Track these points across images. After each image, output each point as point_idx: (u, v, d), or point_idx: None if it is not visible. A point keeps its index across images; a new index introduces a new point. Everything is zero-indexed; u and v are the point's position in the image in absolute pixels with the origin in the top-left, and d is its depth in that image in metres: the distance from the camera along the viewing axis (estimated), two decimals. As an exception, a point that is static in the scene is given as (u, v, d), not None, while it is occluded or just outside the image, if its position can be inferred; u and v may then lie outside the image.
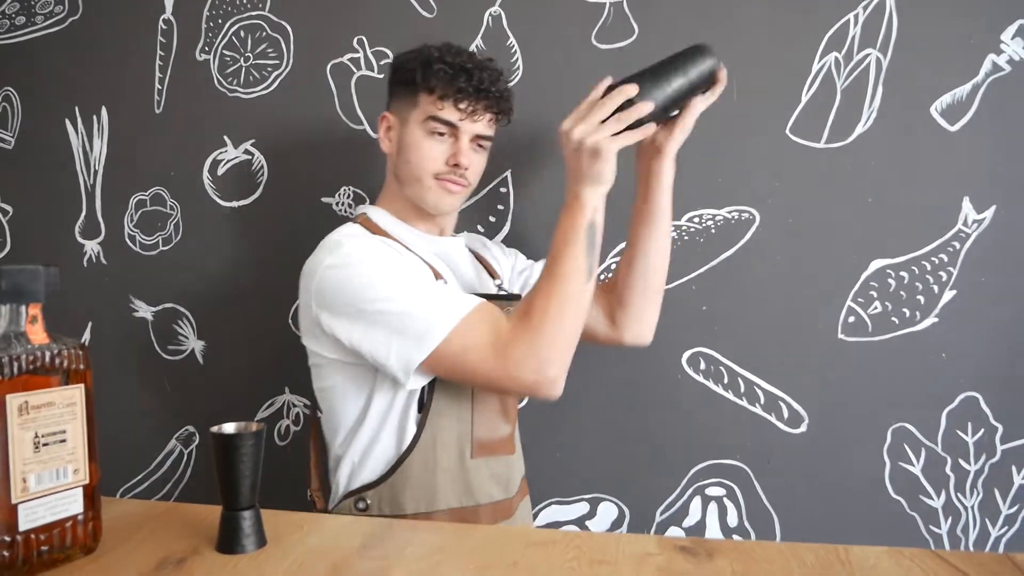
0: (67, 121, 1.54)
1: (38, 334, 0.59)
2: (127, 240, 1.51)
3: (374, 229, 1.08)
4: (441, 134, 1.06)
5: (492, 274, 1.21)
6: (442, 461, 1.00)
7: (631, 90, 0.93)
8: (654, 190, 1.09)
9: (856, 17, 1.24)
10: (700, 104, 1.03)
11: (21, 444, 0.56)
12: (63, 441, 0.59)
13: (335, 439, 1.07)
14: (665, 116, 1.01)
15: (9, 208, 1.58)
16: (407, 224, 1.12)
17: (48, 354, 0.59)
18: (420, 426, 1.00)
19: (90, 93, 1.52)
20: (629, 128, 0.93)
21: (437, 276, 1.04)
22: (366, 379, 1.01)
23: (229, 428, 0.63)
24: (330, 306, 0.97)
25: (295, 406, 1.45)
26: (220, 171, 1.47)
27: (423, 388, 1.00)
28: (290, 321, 1.44)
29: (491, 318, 0.94)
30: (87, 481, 0.61)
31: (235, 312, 1.47)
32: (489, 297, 1.03)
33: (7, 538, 0.55)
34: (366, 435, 1.02)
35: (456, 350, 0.91)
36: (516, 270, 1.27)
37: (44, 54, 1.55)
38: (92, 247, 1.53)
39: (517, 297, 1.12)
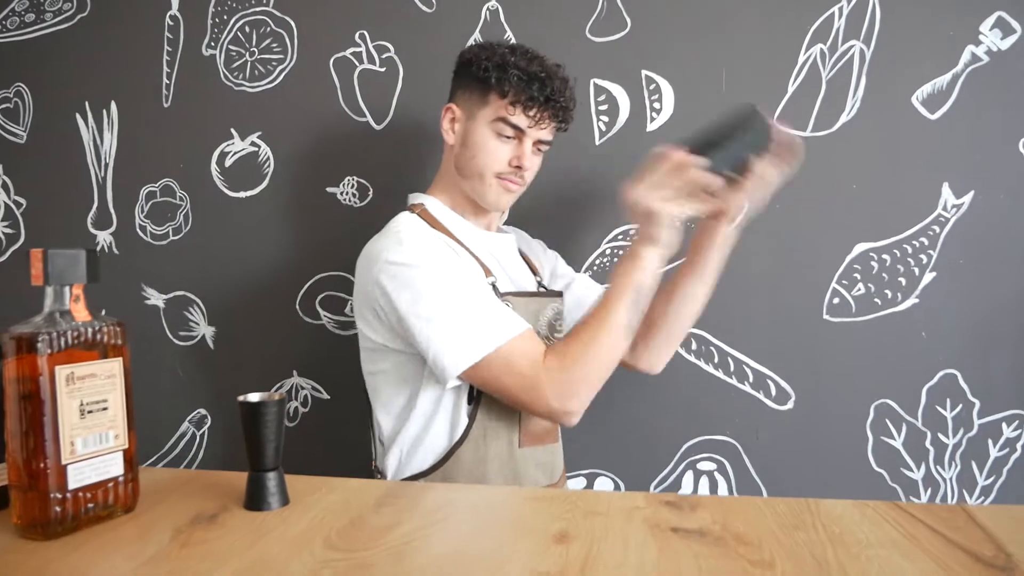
0: (77, 115, 1.58)
1: (81, 312, 0.64)
2: (138, 230, 1.56)
3: (432, 222, 1.11)
4: (508, 136, 1.08)
5: (533, 271, 1.24)
6: (492, 450, 1.05)
7: (700, 161, 0.94)
8: (706, 248, 1.11)
9: (840, 10, 1.28)
10: (762, 166, 1.00)
11: (69, 411, 0.61)
12: (105, 409, 0.64)
13: (383, 426, 1.11)
14: (724, 181, 0.99)
15: (23, 200, 1.63)
16: (462, 217, 1.16)
17: (90, 330, 0.64)
18: (471, 417, 1.04)
19: (99, 88, 1.57)
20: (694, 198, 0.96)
21: (488, 273, 1.08)
22: (416, 369, 1.05)
23: (254, 397, 0.69)
24: (393, 297, 1.00)
25: (303, 389, 1.50)
26: (228, 163, 1.52)
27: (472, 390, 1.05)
28: (297, 307, 1.49)
29: (531, 346, 0.99)
30: (126, 446, 0.67)
31: (244, 299, 1.52)
32: (532, 294, 1.12)
33: (59, 495, 0.61)
34: (416, 424, 1.06)
35: (494, 369, 0.97)
36: (556, 274, 1.31)
37: (54, 50, 1.59)
38: (104, 237, 1.58)
39: (558, 295, 1.16)
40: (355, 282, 1.11)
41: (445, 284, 1.00)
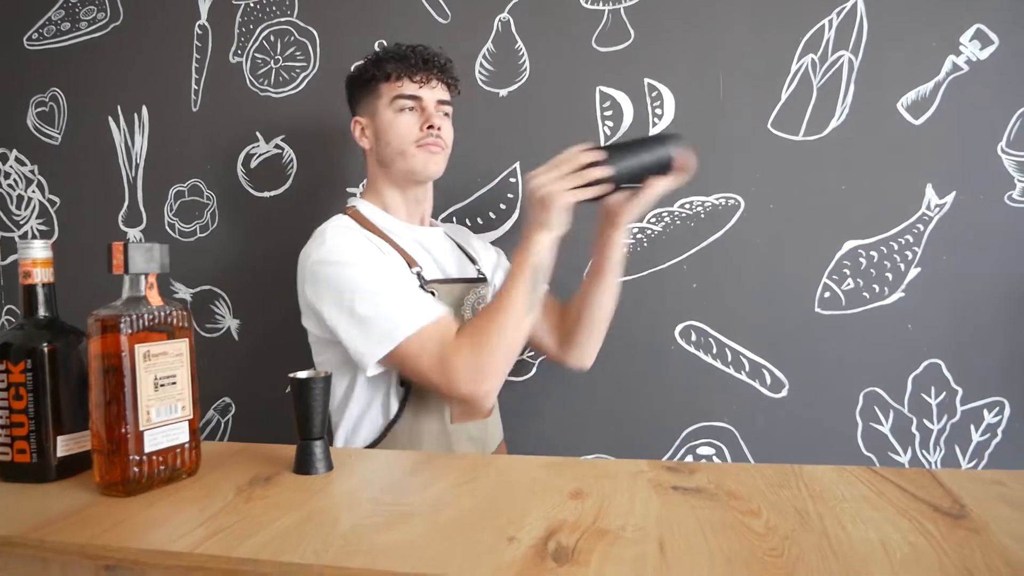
0: (110, 119, 1.67)
1: (155, 298, 0.73)
2: (167, 228, 1.65)
3: (361, 220, 1.20)
4: (411, 109, 1.19)
5: (472, 260, 1.33)
6: (424, 427, 1.14)
7: (597, 155, 1.03)
8: (605, 254, 1.19)
9: (831, 22, 1.37)
10: (660, 186, 1.08)
11: (145, 384, 0.70)
12: (174, 383, 0.73)
13: (332, 408, 1.21)
14: (622, 186, 1.07)
15: (57, 199, 1.71)
16: (390, 215, 1.25)
17: (162, 314, 0.73)
18: (403, 399, 1.14)
19: (131, 93, 1.66)
20: (585, 187, 1.03)
21: (412, 263, 1.16)
22: (350, 358, 1.10)
23: (303, 374, 0.77)
24: (317, 295, 1.11)
25: (323, 378, 1.59)
26: (253, 164, 1.60)
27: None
28: (319, 301, 1.57)
29: (443, 331, 1.04)
30: (191, 416, 0.75)
31: (267, 293, 1.61)
32: (455, 280, 1.22)
33: (137, 457, 0.69)
34: (356, 407, 1.17)
35: (410, 355, 1.03)
36: (500, 266, 1.39)
37: (88, 57, 1.68)
38: (134, 235, 1.67)
39: (482, 280, 1.29)
40: (297, 283, 1.20)
41: (362, 278, 1.07)
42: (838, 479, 0.69)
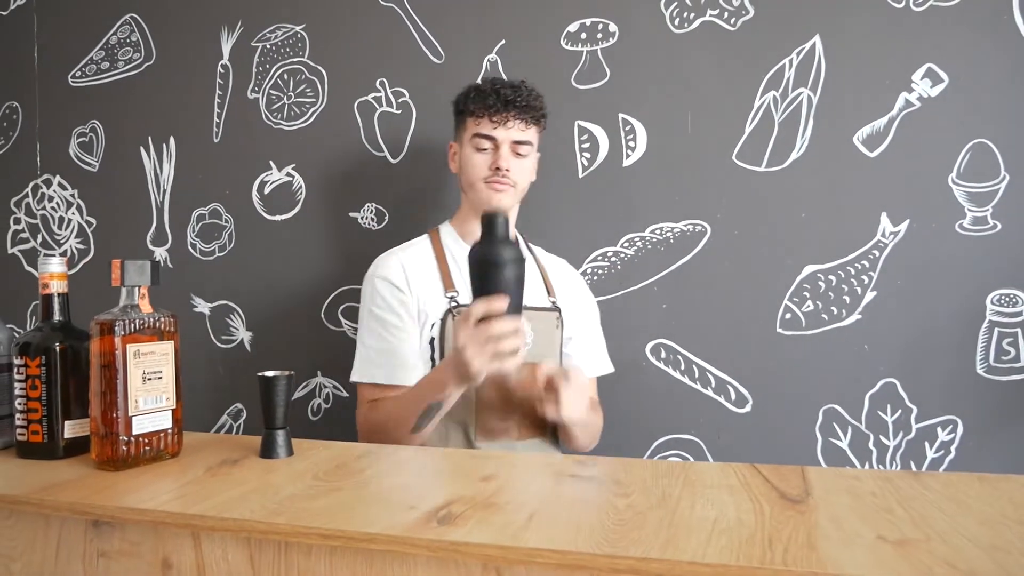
0: (142, 148, 1.85)
1: (146, 306, 0.87)
2: (189, 247, 1.82)
3: (435, 242, 1.37)
4: (484, 149, 1.29)
5: (549, 290, 1.37)
6: (452, 443, 1.25)
7: (513, 323, 1.00)
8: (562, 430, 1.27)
9: (791, 61, 1.47)
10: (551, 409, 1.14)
11: (135, 377, 0.84)
12: (160, 378, 0.87)
13: None
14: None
15: (94, 220, 1.90)
16: (462, 241, 1.36)
17: (152, 319, 0.87)
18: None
19: (161, 125, 1.84)
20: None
21: (449, 288, 1.28)
22: None
23: (269, 373, 0.91)
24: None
25: (326, 387, 1.73)
26: (267, 190, 1.76)
27: None
28: (322, 315, 1.72)
29: (367, 394, 1.27)
30: (174, 407, 0.89)
31: (278, 307, 1.76)
32: (531, 308, 1.24)
33: (126, 438, 0.83)
34: None
35: (358, 393, 1.31)
36: (579, 315, 1.39)
37: (124, 93, 1.86)
38: (160, 253, 1.84)
39: (555, 310, 1.33)
40: None
41: (366, 309, 1.31)
42: (717, 473, 0.79)
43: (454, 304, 1.27)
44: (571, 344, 1.39)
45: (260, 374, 0.90)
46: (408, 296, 1.29)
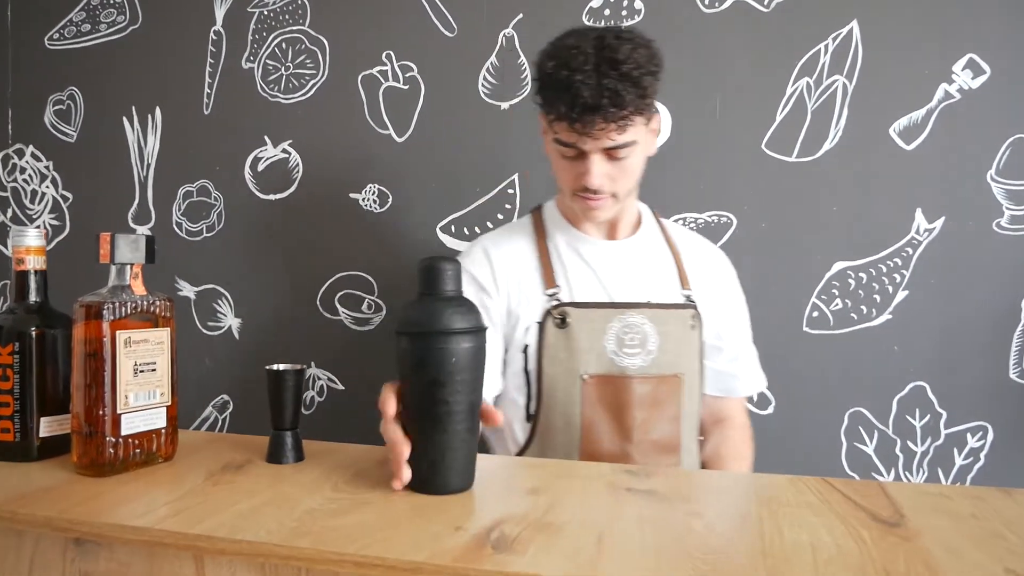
0: (124, 119, 1.72)
1: (139, 288, 0.76)
2: (174, 227, 1.70)
3: (537, 226, 1.15)
4: (569, 157, 1.01)
5: (683, 280, 1.13)
6: None
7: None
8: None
9: (826, 47, 1.39)
10: None
11: (125, 369, 0.73)
12: (154, 370, 0.76)
13: None
14: None
15: (70, 195, 1.77)
16: (570, 224, 1.14)
17: (145, 303, 0.76)
18: (531, 432, 1.07)
19: (146, 94, 1.71)
20: None
21: (550, 284, 1.07)
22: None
23: (279, 366, 0.80)
24: None
25: (319, 379, 1.62)
26: (260, 167, 1.65)
27: (528, 400, 1.06)
28: (318, 303, 1.61)
29: None
30: (170, 403, 0.78)
31: (269, 293, 1.65)
32: (598, 305, 1.06)
33: (113, 439, 0.73)
34: (502, 428, 1.13)
35: None
36: (719, 313, 1.17)
37: (106, 58, 1.73)
38: (143, 231, 1.71)
39: (632, 306, 1.07)
40: None
41: None
42: (790, 487, 0.70)
43: (555, 304, 1.06)
44: (718, 355, 1.18)
45: (268, 367, 0.80)
46: (492, 297, 1.10)
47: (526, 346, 1.06)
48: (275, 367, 0.80)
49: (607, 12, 1.47)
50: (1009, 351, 1.35)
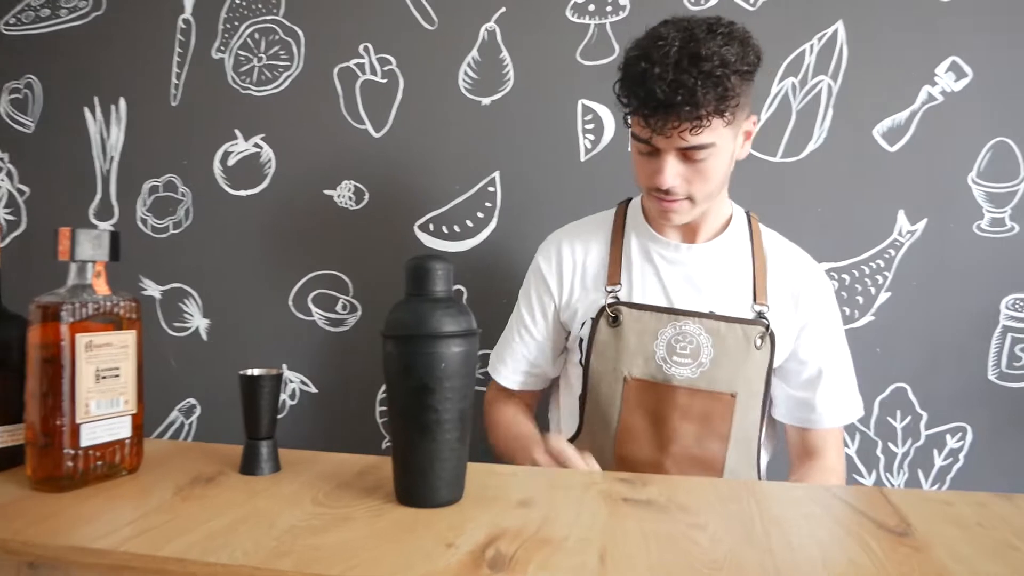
0: (86, 109, 1.65)
1: (101, 287, 0.71)
2: (139, 223, 1.63)
3: (619, 219, 1.13)
4: (645, 153, 0.97)
5: (757, 292, 1.06)
6: (592, 462, 0.95)
7: None
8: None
9: (812, 47, 1.38)
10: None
11: (86, 375, 0.68)
12: (117, 376, 0.71)
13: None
14: None
15: (26, 189, 1.69)
16: (647, 223, 1.10)
17: (109, 303, 0.71)
18: (577, 426, 1.10)
19: (109, 84, 1.64)
20: None
21: (613, 281, 1.06)
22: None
23: (253, 371, 0.76)
24: None
25: (292, 382, 1.57)
26: (231, 162, 1.59)
27: (580, 392, 1.09)
28: (290, 303, 1.56)
29: (493, 389, 1.22)
30: (135, 411, 0.73)
31: (239, 293, 1.59)
32: (654, 309, 1.03)
33: (72, 451, 0.67)
34: (558, 411, 1.22)
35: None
36: (799, 328, 1.09)
37: (66, 45, 1.66)
38: (105, 228, 1.64)
39: (686, 314, 1.03)
40: None
41: (520, 299, 1.20)
42: (790, 496, 0.68)
43: (612, 301, 1.04)
44: (795, 380, 1.09)
45: (242, 373, 0.75)
46: (553, 292, 1.13)
47: (581, 339, 1.08)
48: (249, 372, 0.75)
49: (592, 7, 1.44)
50: (988, 353, 1.35)
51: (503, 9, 1.46)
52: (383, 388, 1.28)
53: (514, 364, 1.18)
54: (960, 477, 1.35)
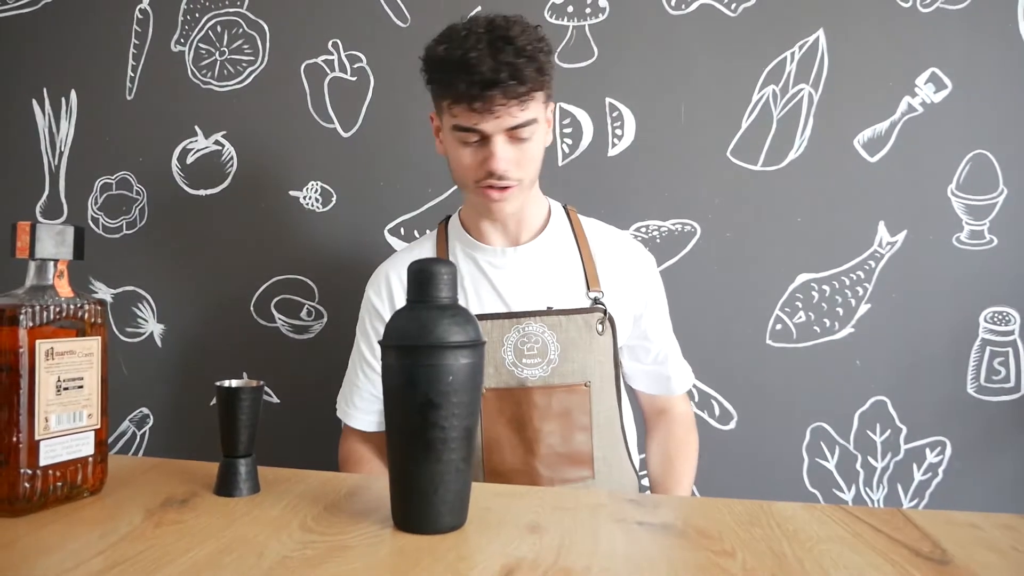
0: (34, 101, 1.55)
1: (64, 288, 0.64)
2: (90, 222, 1.53)
3: (441, 236, 1.13)
4: (472, 142, 0.97)
5: (589, 281, 1.08)
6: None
7: None
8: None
9: (792, 55, 1.37)
10: None
11: (46, 386, 0.61)
12: (80, 387, 0.64)
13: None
14: None
15: (-34, 184, 1.57)
16: (470, 235, 1.09)
17: (72, 307, 0.64)
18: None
19: (60, 76, 1.54)
20: None
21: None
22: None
23: (232, 383, 0.69)
24: None
25: (252, 392, 1.48)
26: (189, 160, 1.50)
27: None
28: (252, 308, 1.48)
29: (346, 435, 1.16)
30: (99, 426, 0.66)
31: (197, 297, 1.50)
32: (492, 316, 1.02)
33: (29, 471, 0.60)
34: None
35: None
36: (640, 307, 1.13)
37: (14, 34, 1.55)
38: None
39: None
40: None
41: (357, 339, 1.15)
42: (810, 518, 0.65)
43: None
44: (646, 356, 1.16)
45: (219, 384, 0.68)
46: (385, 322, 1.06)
47: None
48: (227, 384, 0.68)
49: (571, 9, 1.41)
50: (967, 366, 1.35)
51: (478, 8, 1.42)
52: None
53: (364, 404, 1.12)
54: (939, 492, 1.35)
